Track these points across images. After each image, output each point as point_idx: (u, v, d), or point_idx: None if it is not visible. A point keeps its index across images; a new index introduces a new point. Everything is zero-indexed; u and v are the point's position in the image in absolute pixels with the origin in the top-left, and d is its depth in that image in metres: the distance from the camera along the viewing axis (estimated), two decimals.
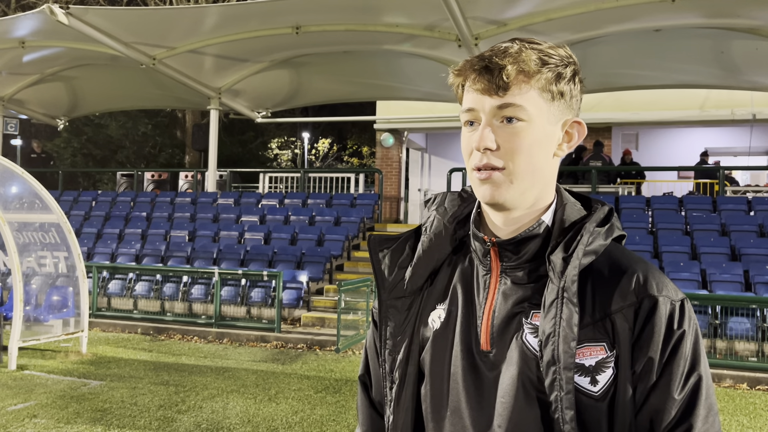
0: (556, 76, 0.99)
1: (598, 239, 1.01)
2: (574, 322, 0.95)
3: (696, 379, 0.95)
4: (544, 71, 0.98)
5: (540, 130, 1.00)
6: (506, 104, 0.98)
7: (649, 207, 11.16)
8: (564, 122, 1.03)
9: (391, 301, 1.12)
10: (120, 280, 10.74)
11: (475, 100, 1.00)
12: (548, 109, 1.00)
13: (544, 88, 0.99)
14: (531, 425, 0.96)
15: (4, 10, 22.69)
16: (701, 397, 0.95)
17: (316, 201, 13.44)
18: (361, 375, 1.25)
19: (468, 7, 9.45)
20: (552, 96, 1.00)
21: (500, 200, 1.00)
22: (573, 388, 0.94)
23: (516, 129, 0.98)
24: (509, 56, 0.98)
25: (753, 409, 6.37)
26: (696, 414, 0.94)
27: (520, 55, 0.98)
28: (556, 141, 1.03)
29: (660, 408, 0.94)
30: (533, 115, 0.99)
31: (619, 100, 14.08)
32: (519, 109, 0.98)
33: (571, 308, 0.95)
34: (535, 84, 0.98)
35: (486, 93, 0.99)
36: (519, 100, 0.98)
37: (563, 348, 0.94)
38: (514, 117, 0.98)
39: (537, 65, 0.98)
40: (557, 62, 1.00)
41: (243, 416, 5.62)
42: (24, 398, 6.04)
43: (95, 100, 16.55)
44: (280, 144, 31.38)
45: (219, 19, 11.13)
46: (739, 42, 10.42)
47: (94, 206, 14.31)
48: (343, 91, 14.96)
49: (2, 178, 7.91)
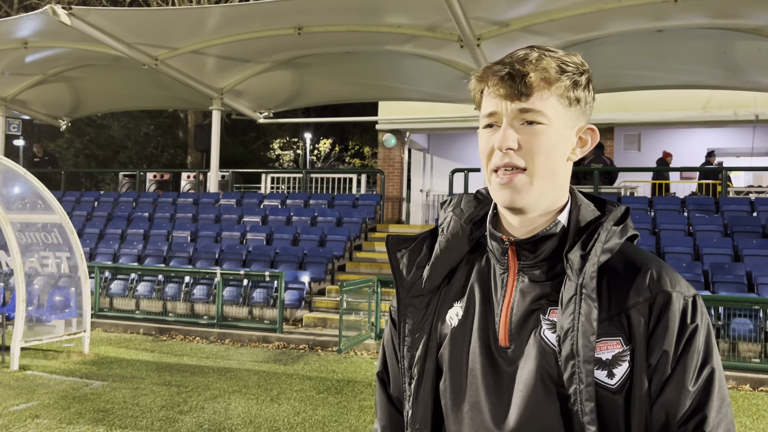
0: (573, 83, 1.05)
1: (614, 238, 1.05)
2: (593, 317, 0.99)
3: (709, 372, 0.99)
4: (563, 78, 1.04)
5: (558, 134, 1.05)
6: (528, 109, 1.03)
7: (652, 208, 11.15)
8: (579, 128, 1.09)
9: (409, 300, 1.16)
10: (122, 280, 10.75)
11: (497, 104, 1.05)
12: (565, 115, 1.05)
13: (563, 95, 1.04)
14: (550, 418, 1.00)
15: (7, 10, 22.73)
16: (714, 389, 0.98)
17: (318, 201, 13.45)
18: (379, 372, 1.28)
19: (470, 8, 9.45)
20: (569, 102, 1.05)
21: (520, 204, 1.05)
22: (593, 381, 0.98)
23: (536, 131, 1.03)
24: (530, 64, 1.03)
25: (756, 411, 6.35)
26: (710, 405, 0.98)
27: (540, 63, 1.03)
28: (571, 145, 1.08)
29: (675, 399, 0.98)
30: (552, 120, 1.04)
31: (622, 100, 14.06)
32: (540, 113, 1.03)
33: (590, 303, 0.99)
34: (554, 90, 1.04)
35: (508, 98, 1.04)
36: (540, 106, 1.03)
37: (583, 342, 0.98)
38: (535, 121, 1.03)
39: (557, 72, 1.03)
40: (574, 70, 1.05)
41: (245, 417, 5.62)
42: (26, 398, 6.04)
43: (98, 101, 16.58)
44: (282, 144, 31.40)
45: (221, 20, 11.14)
46: (742, 42, 10.41)
47: (97, 207, 14.33)
48: (345, 91, 14.97)
49: (5, 179, 7.92)
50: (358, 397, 6.39)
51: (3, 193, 7.84)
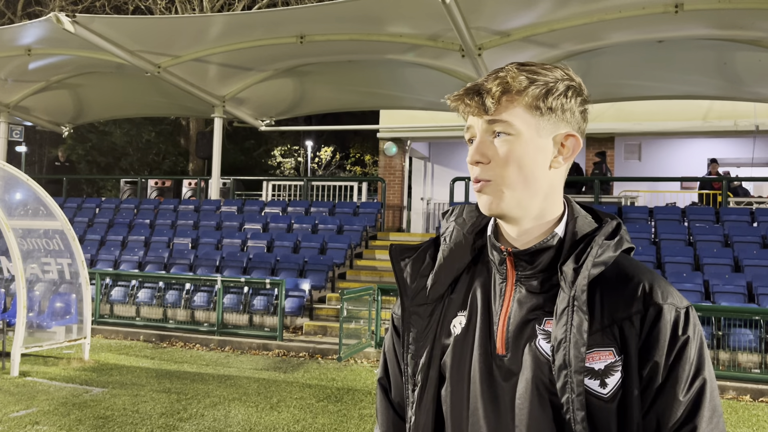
0: (545, 92, 1.06)
1: (608, 251, 1.06)
2: (584, 328, 1.01)
3: (701, 383, 1.01)
4: (531, 89, 1.06)
5: (529, 142, 1.07)
6: (494, 120, 1.07)
7: (652, 217, 11.15)
8: (556, 135, 1.09)
9: (413, 308, 1.18)
10: (123, 287, 10.75)
11: (470, 120, 1.11)
12: (536, 124, 1.07)
13: (531, 104, 1.06)
14: (544, 426, 1.02)
15: (11, 17, 22.85)
16: (705, 400, 1.00)
17: (319, 209, 13.46)
18: (380, 378, 1.30)
19: (471, 18, 9.50)
20: (541, 111, 1.07)
21: (497, 211, 1.08)
22: (584, 390, 1.00)
23: (504, 141, 1.07)
24: (498, 79, 1.07)
25: (756, 421, 6.34)
26: (701, 415, 0.99)
27: (506, 77, 1.06)
28: (551, 153, 1.09)
29: (666, 409, 1.00)
30: (521, 130, 1.06)
31: (622, 110, 14.10)
32: (506, 124, 1.06)
33: (581, 316, 1.01)
34: (521, 101, 1.06)
35: (477, 114, 1.08)
36: (506, 117, 1.06)
37: (574, 353, 1.00)
38: (502, 132, 1.07)
39: (522, 84, 1.06)
40: (547, 80, 1.07)
41: (245, 424, 5.62)
42: (26, 405, 6.04)
43: (100, 108, 16.64)
44: (283, 152, 31.47)
45: (224, 28, 11.20)
46: (742, 53, 10.45)
47: (98, 213, 14.35)
48: (346, 100, 15.02)
49: (7, 185, 7.95)
50: (358, 405, 6.39)
51: (5, 200, 7.86)
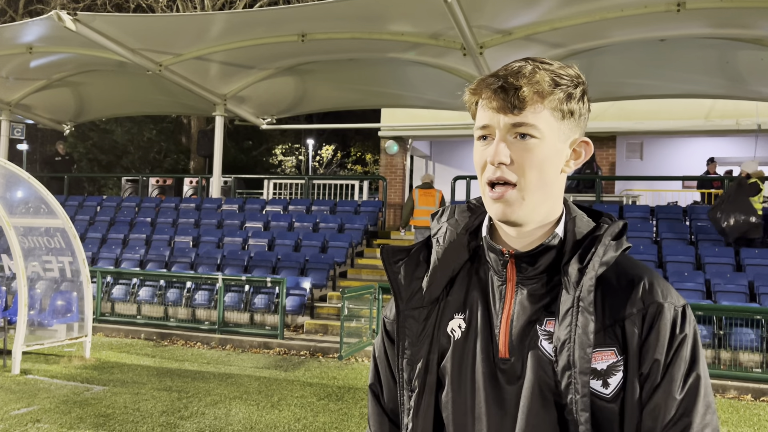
0: (567, 96, 1.04)
1: (610, 251, 1.06)
2: (590, 329, 1.01)
3: (695, 379, 1.02)
4: (557, 92, 1.03)
5: (551, 147, 1.05)
6: (520, 123, 1.03)
7: (654, 216, 11.14)
8: (573, 141, 1.09)
9: (408, 311, 1.14)
10: (124, 285, 10.76)
11: (490, 117, 1.05)
12: (559, 128, 1.05)
13: (556, 108, 1.04)
14: (548, 427, 1.02)
15: (12, 16, 22.87)
16: (700, 396, 1.01)
17: (320, 208, 13.46)
18: (371, 384, 1.26)
19: (473, 16, 9.48)
20: (563, 115, 1.05)
21: (513, 218, 1.06)
22: (588, 391, 1.00)
23: (529, 145, 1.03)
24: (524, 77, 1.03)
25: (757, 421, 6.33)
26: (695, 411, 1.01)
27: (534, 76, 1.03)
28: (565, 158, 1.09)
29: (662, 406, 1.01)
30: (545, 133, 1.04)
31: (624, 109, 14.09)
32: (532, 127, 1.03)
33: (587, 316, 1.01)
34: (548, 104, 1.03)
35: (501, 111, 1.04)
36: (532, 119, 1.03)
37: (579, 354, 1.00)
38: (528, 134, 1.03)
39: (550, 86, 1.03)
40: (568, 83, 1.05)
41: (245, 423, 5.62)
42: (27, 403, 6.05)
43: (101, 106, 16.63)
44: (284, 150, 31.46)
45: (225, 27, 11.19)
46: (744, 52, 10.43)
47: (99, 211, 14.36)
48: (348, 98, 15.01)
49: (8, 183, 7.95)
50: (359, 404, 6.38)
51: (6, 197, 7.86)
